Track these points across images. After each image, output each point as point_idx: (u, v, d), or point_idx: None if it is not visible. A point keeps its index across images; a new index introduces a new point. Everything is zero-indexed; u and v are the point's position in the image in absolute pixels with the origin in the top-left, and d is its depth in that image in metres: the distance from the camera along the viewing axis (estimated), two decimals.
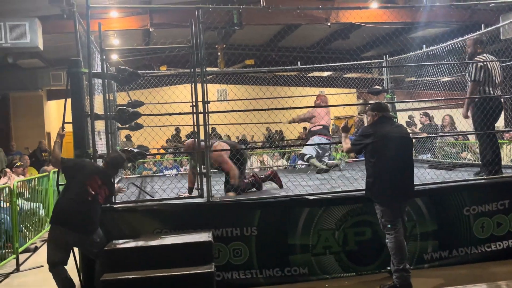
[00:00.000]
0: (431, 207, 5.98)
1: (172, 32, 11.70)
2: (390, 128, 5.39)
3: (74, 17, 5.61)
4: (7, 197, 7.88)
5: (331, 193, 5.99)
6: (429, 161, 9.10)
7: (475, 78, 6.45)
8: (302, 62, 10.77)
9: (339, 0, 11.88)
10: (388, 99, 9.45)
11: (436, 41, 8.36)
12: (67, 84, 5.41)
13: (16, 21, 9.89)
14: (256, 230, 5.64)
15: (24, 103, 16.13)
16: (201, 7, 5.80)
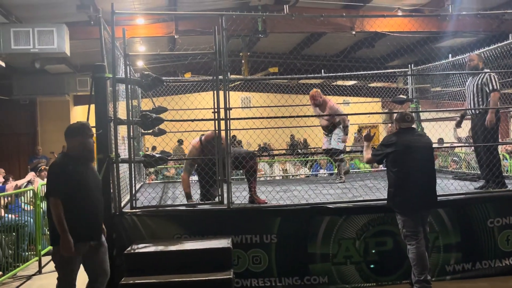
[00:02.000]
0: (454, 218, 5.89)
1: (197, 39, 11.79)
2: (411, 138, 5.37)
3: (100, 23, 5.67)
4: (31, 200, 8.00)
5: (352, 202, 5.94)
6: (453, 172, 8.97)
7: (497, 88, 6.48)
8: (326, 70, 10.72)
9: (364, 9, 11.82)
10: (412, 108, 9.36)
11: (463, 51, 8.25)
12: (91, 89, 5.47)
13: (44, 27, 10.05)
14: (276, 238, 5.62)
15: (51, 108, 16.39)
16: (225, 14, 5.83)
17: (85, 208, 4.29)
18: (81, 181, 4.29)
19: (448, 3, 10.85)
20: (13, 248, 7.23)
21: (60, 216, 4.11)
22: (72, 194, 4.20)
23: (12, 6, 9.82)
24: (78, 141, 4.38)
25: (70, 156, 4.38)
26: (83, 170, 4.37)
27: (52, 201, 4.16)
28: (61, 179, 4.20)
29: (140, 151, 8.32)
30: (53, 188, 4.22)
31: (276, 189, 6.74)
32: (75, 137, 4.40)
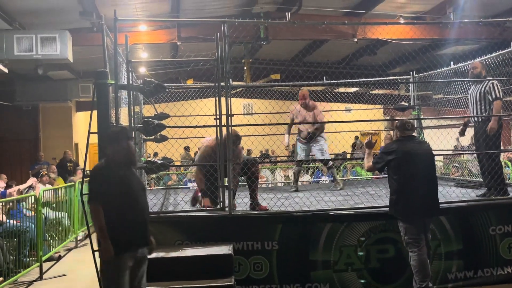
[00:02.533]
0: (456, 226, 5.89)
1: (199, 46, 11.82)
2: (412, 145, 5.38)
3: (102, 29, 5.69)
4: (33, 205, 8.02)
5: (353, 209, 5.94)
6: (455, 179, 8.96)
7: (500, 96, 6.49)
8: (328, 77, 10.75)
9: (366, 16, 11.86)
10: (414, 115, 9.36)
11: (464, 58, 8.27)
12: (93, 95, 5.49)
13: (47, 33, 10.09)
14: (277, 245, 5.62)
15: (53, 114, 16.44)
16: (227, 21, 5.86)
17: (134, 214, 4.11)
18: (126, 187, 4.12)
19: (450, 11, 10.87)
20: (14, 253, 7.23)
21: (102, 223, 3.97)
22: (118, 201, 4.03)
23: (16, 12, 9.87)
24: (120, 146, 4.19)
25: (113, 161, 4.17)
26: (128, 175, 4.21)
27: (92, 208, 4.02)
28: (104, 185, 4.04)
29: (142, 157, 8.33)
30: (94, 195, 4.05)
31: (277, 195, 6.73)
32: (117, 142, 4.21)
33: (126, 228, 4.04)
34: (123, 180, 4.12)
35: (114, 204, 4.01)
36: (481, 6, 10.94)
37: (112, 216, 4.00)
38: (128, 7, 10.31)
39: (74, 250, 9.48)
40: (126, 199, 4.08)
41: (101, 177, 4.11)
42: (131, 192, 4.13)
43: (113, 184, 4.05)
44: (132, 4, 10.26)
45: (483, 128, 6.54)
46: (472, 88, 6.88)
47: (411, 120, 6.44)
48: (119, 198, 4.04)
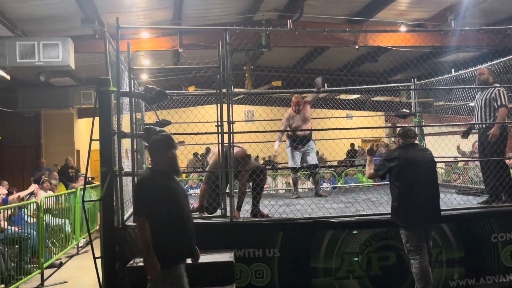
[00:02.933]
0: (457, 233, 5.88)
1: (201, 53, 11.86)
2: (414, 152, 5.40)
3: (105, 37, 5.72)
4: (35, 212, 8.02)
5: (355, 216, 5.94)
6: (456, 186, 8.96)
7: (505, 103, 6.48)
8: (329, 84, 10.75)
9: (367, 23, 11.89)
10: (415, 122, 9.37)
11: (465, 66, 8.29)
12: (95, 102, 5.51)
13: (50, 40, 10.13)
14: (278, 252, 5.62)
15: (55, 121, 16.46)
16: (228, 29, 5.88)
17: (182, 224, 4.00)
18: (174, 197, 4.00)
19: (451, 18, 10.91)
20: (15, 260, 7.23)
21: (148, 238, 3.80)
22: (167, 212, 3.90)
23: (18, 20, 9.91)
24: (166, 155, 4.06)
25: (158, 171, 4.04)
26: (174, 184, 4.09)
27: (140, 222, 3.87)
28: (152, 197, 3.89)
29: (143, 164, 8.34)
30: (141, 208, 3.91)
31: (278, 202, 6.73)
32: (163, 151, 4.08)
33: (176, 239, 3.95)
34: (171, 190, 4.02)
35: (163, 215, 3.88)
36: (482, 13, 10.97)
37: (162, 228, 3.86)
38: (130, 14, 10.34)
39: (75, 257, 9.47)
40: (175, 210, 3.97)
41: (149, 189, 3.95)
42: (178, 202, 4.03)
43: (161, 195, 3.92)
44: (134, 12, 10.30)
45: (486, 135, 6.52)
46: (479, 94, 6.86)
47: (413, 127, 6.44)
48: (168, 209, 3.91)
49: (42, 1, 9.23)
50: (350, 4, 11.44)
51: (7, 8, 9.30)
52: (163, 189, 3.94)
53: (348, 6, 11.54)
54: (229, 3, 11.16)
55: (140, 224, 3.86)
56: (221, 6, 11.18)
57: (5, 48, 9.95)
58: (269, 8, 11.56)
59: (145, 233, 3.82)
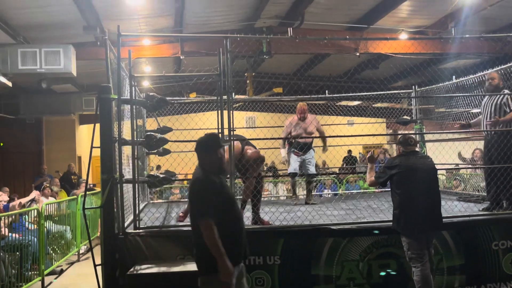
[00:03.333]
0: (458, 240, 5.87)
1: (203, 60, 11.88)
2: (415, 160, 5.40)
3: (105, 44, 5.75)
4: (36, 219, 8.03)
5: (355, 223, 5.94)
6: (457, 193, 8.95)
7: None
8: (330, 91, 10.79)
9: (368, 30, 11.92)
10: (416, 129, 9.38)
11: (466, 73, 8.30)
12: (96, 109, 5.53)
13: (51, 47, 10.17)
14: (279, 259, 5.61)
15: (56, 127, 16.50)
16: (229, 36, 5.91)
17: (237, 225, 3.97)
18: (231, 197, 4.00)
19: (451, 26, 10.94)
20: (16, 267, 7.23)
21: (216, 239, 3.73)
22: (225, 212, 3.87)
23: (20, 27, 9.94)
24: (216, 154, 4.07)
25: (211, 171, 4.01)
26: (225, 184, 4.10)
27: (206, 224, 3.76)
28: (214, 197, 3.85)
29: (144, 171, 8.36)
30: (205, 209, 3.81)
31: (279, 209, 6.74)
32: (213, 150, 4.08)
33: (238, 238, 3.93)
34: (227, 190, 4.03)
35: (226, 215, 3.87)
36: (482, 20, 10.99)
37: (225, 228, 3.82)
38: (132, 21, 10.38)
39: (76, 263, 9.47)
40: (233, 209, 3.97)
41: (210, 189, 3.89)
42: (234, 201, 4.03)
43: (222, 195, 3.90)
44: (136, 19, 10.33)
45: (498, 142, 6.46)
46: (487, 98, 6.81)
47: (413, 134, 6.45)
48: (229, 209, 3.92)
49: (44, 9, 9.26)
50: (351, 11, 11.48)
51: (9, 15, 9.34)
52: (221, 189, 3.93)
53: (349, 13, 11.57)
54: (230, 11, 11.20)
55: (206, 226, 3.77)
56: (223, 14, 11.22)
57: (7, 55, 9.99)
58: (270, 16, 11.60)
59: (214, 235, 3.75)
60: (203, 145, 4.15)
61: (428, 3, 10.74)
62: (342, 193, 11.17)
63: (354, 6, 11.17)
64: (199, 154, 4.14)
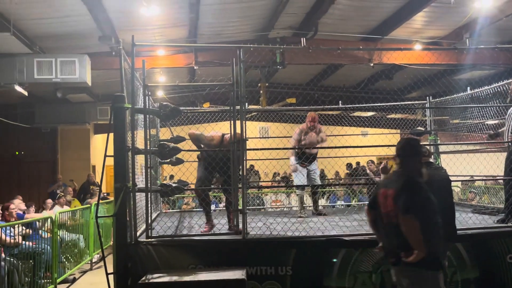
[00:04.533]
0: (472, 253, 5.78)
1: (216, 70, 11.94)
2: (429, 171, 5.32)
3: (120, 54, 5.79)
4: (49, 228, 8.07)
5: (368, 234, 5.87)
6: (472, 205, 8.86)
7: None
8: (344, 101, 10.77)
9: (382, 41, 11.91)
10: (431, 140, 9.31)
11: (480, 84, 8.24)
12: (110, 119, 5.56)
13: (67, 57, 10.30)
14: (291, 270, 5.56)
15: (71, 136, 16.67)
16: (242, 47, 5.92)
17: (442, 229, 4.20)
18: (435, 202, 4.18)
19: (466, 36, 10.88)
20: (29, 275, 7.27)
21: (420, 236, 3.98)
22: (436, 215, 4.16)
23: (36, 37, 10.08)
24: (419, 160, 4.32)
25: (417, 174, 4.25)
26: None
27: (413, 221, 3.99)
28: (428, 196, 4.13)
29: (157, 180, 8.38)
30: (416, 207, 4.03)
31: (291, 220, 6.70)
32: (417, 156, 4.33)
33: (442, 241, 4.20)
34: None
35: (435, 218, 4.12)
36: (497, 31, 10.94)
37: (434, 229, 4.08)
38: (146, 32, 10.48)
39: (89, 272, 9.50)
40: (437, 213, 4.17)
41: (424, 189, 4.14)
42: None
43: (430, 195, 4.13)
44: (150, 29, 10.43)
45: None
46: (511, 110, 6.76)
47: (428, 145, 6.39)
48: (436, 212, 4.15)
49: (61, 19, 9.39)
50: (365, 22, 11.49)
51: (26, 26, 9.48)
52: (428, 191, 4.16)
53: (363, 24, 11.58)
54: (244, 21, 11.26)
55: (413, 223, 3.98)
56: (237, 24, 11.29)
57: (23, 64, 10.13)
58: (284, 26, 11.65)
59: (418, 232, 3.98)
60: (411, 150, 4.35)
61: (443, 14, 10.72)
62: (355, 204, 11.10)
63: (368, 17, 11.18)
64: (404, 159, 4.34)
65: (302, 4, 10.51)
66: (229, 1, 9.85)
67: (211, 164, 6.25)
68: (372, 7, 10.54)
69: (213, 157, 6.25)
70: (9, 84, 10.32)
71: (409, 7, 10.37)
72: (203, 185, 6.40)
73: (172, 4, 9.50)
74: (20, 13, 8.77)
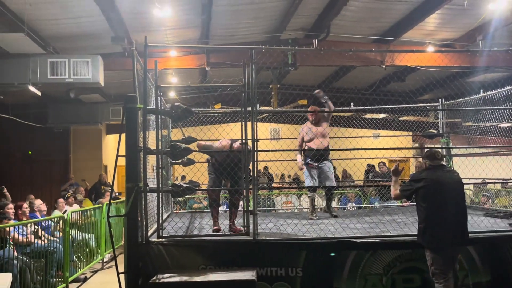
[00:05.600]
0: (484, 256, 5.76)
1: (228, 71, 11.98)
2: (441, 173, 5.32)
3: (133, 55, 5.83)
4: (61, 227, 8.13)
5: (379, 236, 5.87)
6: (484, 209, 8.80)
7: None
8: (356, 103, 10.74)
9: (395, 43, 11.86)
10: (443, 143, 9.27)
11: (493, 87, 8.19)
12: (122, 119, 5.60)
13: (80, 58, 10.36)
14: (301, 271, 5.57)
15: (84, 136, 16.77)
16: (254, 48, 5.94)
17: None
18: None
19: (479, 38, 10.82)
20: (41, 274, 7.33)
21: None
22: None
23: (50, 37, 10.17)
24: None
25: None
26: None
27: None
28: None
29: (168, 181, 8.41)
30: None
31: (302, 221, 6.70)
32: None
33: None
34: None
35: None
36: (510, 33, 10.87)
37: None
38: (159, 33, 10.52)
39: (100, 271, 9.55)
40: None
41: None
42: None
43: None
44: (163, 30, 10.47)
45: None
46: None
47: (440, 148, 6.36)
48: None
49: (74, 20, 9.46)
50: (378, 23, 11.45)
51: (40, 26, 9.56)
52: None
53: (375, 25, 11.55)
54: (256, 23, 11.28)
55: None
56: (249, 25, 11.30)
57: (37, 65, 10.21)
58: (296, 28, 11.64)
59: None
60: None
61: (456, 16, 10.66)
62: (365, 206, 11.06)
63: (381, 19, 11.14)
64: None
65: (314, 6, 10.51)
66: (241, 3, 9.87)
67: (218, 169, 6.31)
68: (384, 8, 10.51)
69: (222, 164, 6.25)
70: (23, 84, 10.41)
71: (422, 9, 10.32)
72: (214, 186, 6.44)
73: (185, 5, 9.54)
74: (34, 13, 8.85)
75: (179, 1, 9.32)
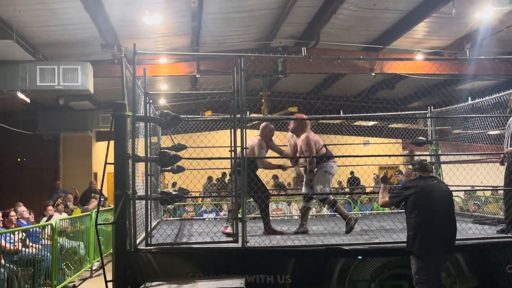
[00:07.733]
0: (471, 263, 5.78)
1: (218, 78, 12.01)
2: (431, 183, 5.36)
3: (121, 62, 5.83)
4: (49, 235, 8.08)
5: (368, 244, 5.88)
6: (472, 216, 8.85)
7: None
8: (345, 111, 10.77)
9: (384, 51, 11.94)
10: (432, 150, 9.32)
11: (481, 95, 8.26)
12: (111, 126, 5.59)
13: (69, 65, 10.35)
14: (290, 279, 5.56)
15: (73, 144, 16.69)
16: (243, 55, 5.96)
17: None
18: None
19: (467, 47, 10.92)
20: (29, 282, 7.27)
21: None
22: None
23: (39, 44, 10.15)
24: None
25: None
26: None
27: None
28: None
29: (158, 188, 8.39)
30: None
31: (291, 228, 6.70)
32: None
33: None
34: None
35: None
36: (499, 42, 10.98)
37: None
38: (149, 40, 10.53)
39: (88, 279, 9.50)
40: None
41: None
42: None
43: None
44: (153, 37, 10.49)
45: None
46: (511, 120, 6.77)
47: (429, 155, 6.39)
48: None
49: (64, 27, 9.46)
50: (367, 32, 11.53)
51: (29, 33, 9.54)
52: None
53: (365, 33, 11.63)
54: (247, 31, 11.32)
55: None
56: (239, 33, 11.34)
57: (26, 72, 10.17)
58: (286, 36, 11.70)
59: None
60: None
61: (444, 25, 10.76)
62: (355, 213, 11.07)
63: (370, 27, 11.23)
64: None
65: (304, 14, 10.57)
66: (231, 10, 9.90)
67: None
68: (373, 17, 10.59)
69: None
70: (12, 91, 10.37)
71: (410, 18, 10.42)
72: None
73: (175, 13, 9.56)
74: (23, 20, 8.84)
75: (170, 9, 9.34)
